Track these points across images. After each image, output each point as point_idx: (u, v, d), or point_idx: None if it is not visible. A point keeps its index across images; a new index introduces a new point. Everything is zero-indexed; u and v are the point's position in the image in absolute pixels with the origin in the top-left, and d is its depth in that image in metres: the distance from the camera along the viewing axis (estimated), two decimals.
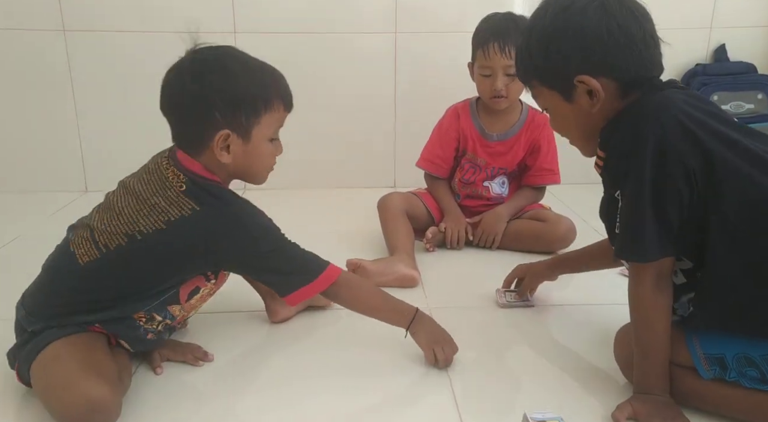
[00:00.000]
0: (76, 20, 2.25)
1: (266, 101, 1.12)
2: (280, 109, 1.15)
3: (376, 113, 2.46)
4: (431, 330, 1.25)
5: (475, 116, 1.88)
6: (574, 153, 1.23)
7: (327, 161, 2.51)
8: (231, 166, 1.14)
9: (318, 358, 1.30)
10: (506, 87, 1.75)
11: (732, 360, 1.01)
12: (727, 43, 2.43)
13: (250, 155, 1.14)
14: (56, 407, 1.03)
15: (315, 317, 1.48)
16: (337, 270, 1.20)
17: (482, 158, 1.87)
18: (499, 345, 1.38)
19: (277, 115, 1.15)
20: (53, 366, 1.06)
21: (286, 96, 1.16)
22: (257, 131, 1.13)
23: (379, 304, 1.25)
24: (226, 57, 1.13)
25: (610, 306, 1.50)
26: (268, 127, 1.14)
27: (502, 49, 1.71)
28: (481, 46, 1.74)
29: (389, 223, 1.79)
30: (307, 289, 1.17)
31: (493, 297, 1.54)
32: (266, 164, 1.19)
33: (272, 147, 1.17)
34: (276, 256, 1.17)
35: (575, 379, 1.22)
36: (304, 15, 2.33)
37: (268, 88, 1.13)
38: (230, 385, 1.21)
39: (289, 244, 1.19)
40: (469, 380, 1.23)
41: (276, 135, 1.18)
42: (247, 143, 1.13)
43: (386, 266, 1.61)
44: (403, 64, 2.40)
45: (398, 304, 1.26)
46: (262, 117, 1.12)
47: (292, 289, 1.17)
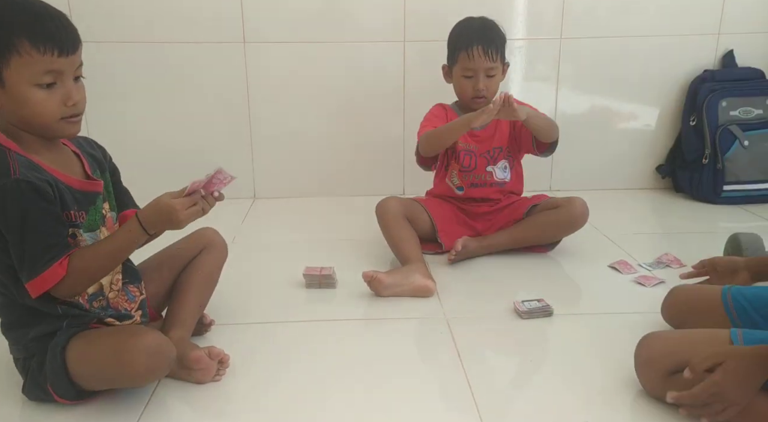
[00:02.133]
0: (87, 31, 2.25)
1: (8, 42, 1.01)
2: (33, 52, 1.02)
3: (385, 121, 2.46)
4: (159, 221, 1.16)
5: (458, 111, 1.92)
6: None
7: (337, 169, 2.51)
8: (8, 114, 1.07)
9: (331, 373, 1.30)
10: (486, 88, 1.81)
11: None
12: (735, 49, 2.43)
13: (14, 101, 1.05)
14: (117, 369, 1.09)
15: (334, 326, 1.48)
16: (60, 271, 1.08)
17: (474, 144, 1.90)
18: (520, 355, 1.38)
19: (31, 59, 1.02)
20: (92, 346, 1.11)
21: (43, 38, 1.02)
22: (9, 75, 1.03)
23: (114, 246, 1.15)
24: None
25: (629, 315, 1.51)
26: (24, 70, 1.03)
27: (486, 52, 1.78)
28: (465, 49, 1.79)
29: (392, 230, 1.78)
30: (32, 284, 1.07)
31: (511, 307, 1.54)
32: (41, 112, 1.06)
33: (46, 94, 1.05)
34: (11, 243, 1.07)
35: (598, 388, 1.21)
36: (312, 24, 2.34)
37: (12, 28, 1.02)
38: (235, 395, 1.21)
39: (32, 235, 1.06)
40: (491, 390, 1.23)
41: (49, 80, 1.05)
42: (4, 87, 1.04)
43: (402, 277, 1.61)
44: (412, 72, 2.40)
45: (122, 234, 1.16)
46: (9, 60, 1.02)
47: (24, 279, 1.08)
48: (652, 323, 1.47)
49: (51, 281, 1.08)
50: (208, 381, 1.23)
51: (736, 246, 1.65)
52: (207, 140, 2.44)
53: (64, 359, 1.11)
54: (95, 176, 1.20)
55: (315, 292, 1.66)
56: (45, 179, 1.07)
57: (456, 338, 1.41)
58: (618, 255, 1.84)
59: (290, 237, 2.09)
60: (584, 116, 2.52)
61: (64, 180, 1.12)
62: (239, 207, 2.38)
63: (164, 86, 2.37)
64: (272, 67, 2.37)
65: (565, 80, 2.46)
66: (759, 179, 2.35)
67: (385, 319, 1.52)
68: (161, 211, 1.14)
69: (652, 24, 2.40)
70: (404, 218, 1.80)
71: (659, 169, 2.56)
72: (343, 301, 1.61)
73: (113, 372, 1.10)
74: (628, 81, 2.47)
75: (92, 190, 1.18)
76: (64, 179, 1.12)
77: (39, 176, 1.06)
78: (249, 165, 2.48)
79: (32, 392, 1.17)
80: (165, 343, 1.13)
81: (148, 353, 1.08)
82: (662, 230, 2.26)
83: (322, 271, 1.67)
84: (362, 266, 1.66)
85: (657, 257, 1.83)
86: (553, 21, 2.40)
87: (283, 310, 1.55)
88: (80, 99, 1.10)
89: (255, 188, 2.51)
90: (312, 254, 1.87)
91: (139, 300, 1.28)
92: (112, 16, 2.29)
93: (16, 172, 1.04)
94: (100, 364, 1.11)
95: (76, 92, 1.09)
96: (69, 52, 1.06)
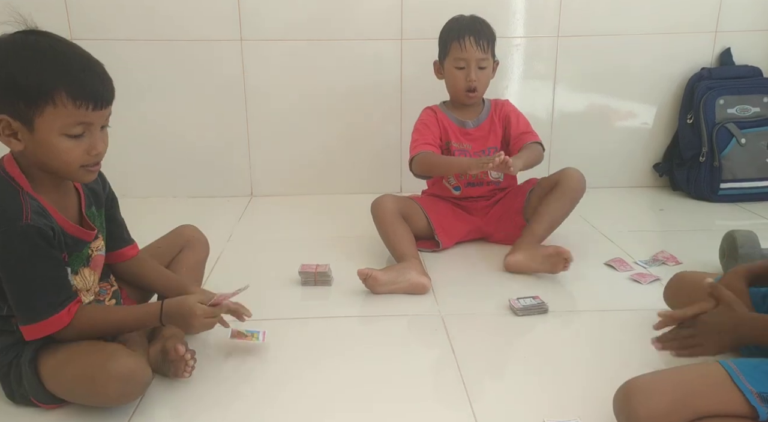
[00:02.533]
0: (84, 29, 2.26)
1: (46, 92, 1.02)
2: (68, 105, 1.03)
3: (382, 119, 2.46)
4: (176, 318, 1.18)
5: (450, 113, 1.95)
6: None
7: (335, 167, 2.51)
8: (28, 155, 1.08)
9: (326, 371, 1.30)
10: (478, 79, 1.84)
11: None
12: (732, 47, 2.43)
13: (40, 147, 1.06)
14: (89, 393, 1.09)
15: (328, 325, 1.48)
16: (66, 318, 1.10)
17: (467, 143, 1.91)
18: (515, 352, 1.38)
19: (65, 111, 1.03)
20: (64, 366, 1.09)
21: (80, 92, 1.04)
22: (41, 123, 1.04)
23: (124, 320, 1.19)
24: (18, 42, 1.04)
25: (624, 312, 1.51)
26: (56, 120, 1.04)
27: (478, 43, 1.82)
28: (457, 39, 1.83)
29: (387, 227, 1.78)
30: (28, 329, 1.09)
31: (506, 304, 1.54)
32: (65, 160, 1.07)
33: (72, 143, 1.06)
34: (10, 285, 1.08)
35: (593, 385, 1.21)
36: (310, 22, 2.34)
37: (52, 79, 1.02)
38: (232, 394, 1.21)
39: (31, 282, 1.07)
40: (485, 387, 1.23)
41: (78, 132, 1.06)
42: (32, 132, 1.04)
43: (397, 274, 1.61)
44: (409, 70, 2.40)
45: (139, 312, 1.21)
46: (43, 108, 1.03)
47: (20, 323, 1.10)
48: (648, 320, 1.46)
49: (54, 327, 1.09)
50: (179, 375, 1.21)
51: (732, 244, 1.65)
52: (204, 137, 2.44)
53: (36, 372, 1.11)
54: (88, 214, 1.21)
55: (310, 289, 1.66)
56: (50, 226, 1.09)
57: (451, 335, 1.41)
58: (614, 253, 1.84)
59: (287, 235, 2.09)
60: (581, 114, 2.51)
61: (61, 224, 1.13)
62: (236, 205, 2.38)
63: (160, 84, 2.37)
64: (269, 64, 2.37)
65: (563, 78, 2.46)
66: (756, 176, 2.35)
67: (381, 316, 1.52)
68: (182, 311, 1.17)
69: (649, 22, 2.40)
70: (399, 215, 1.79)
71: (656, 167, 2.56)
72: (339, 298, 1.61)
73: (85, 394, 1.10)
74: (625, 79, 2.47)
75: (83, 238, 1.18)
76: (61, 222, 1.13)
77: (46, 222, 1.08)
78: (246, 163, 2.48)
79: (14, 398, 1.16)
80: (139, 368, 1.10)
81: (120, 380, 1.07)
82: (659, 227, 2.26)
83: (318, 268, 1.67)
84: (358, 264, 1.66)
85: (653, 254, 1.83)
86: (550, 19, 2.40)
87: (279, 307, 1.55)
88: (104, 149, 1.12)
89: (252, 185, 2.51)
90: (308, 251, 1.86)
91: (111, 291, 1.28)
92: (107, 14, 2.28)
93: (28, 217, 1.05)
94: (71, 385, 1.10)
95: (101, 143, 1.10)
96: (103, 107, 1.08)
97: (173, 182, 2.47)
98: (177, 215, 2.17)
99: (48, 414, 1.14)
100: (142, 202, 2.31)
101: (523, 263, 1.70)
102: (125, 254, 1.32)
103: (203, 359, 1.28)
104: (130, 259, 1.33)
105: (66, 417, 1.13)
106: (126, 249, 1.32)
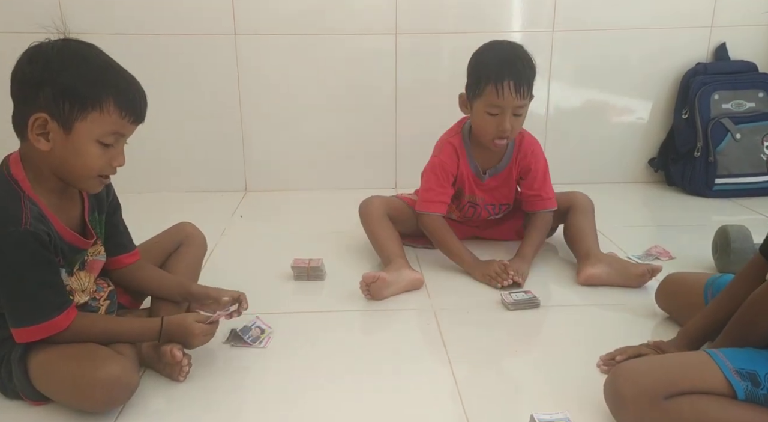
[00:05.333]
0: (77, 23, 2.24)
1: (97, 98, 1.06)
2: (113, 113, 1.08)
3: (377, 114, 2.45)
4: (176, 336, 1.21)
5: (471, 156, 1.74)
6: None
7: (329, 162, 2.50)
8: (50, 157, 1.09)
9: (318, 365, 1.30)
10: (512, 127, 1.63)
11: (764, 378, 1.01)
12: (727, 42, 2.43)
13: (70, 150, 1.08)
14: (75, 398, 1.09)
15: (314, 322, 1.48)
16: (63, 323, 1.11)
17: (480, 196, 1.80)
18: (505, 346, 1.38)
19: (109, 118, 1.08)
20: (52, 369, 1.09)
21: (126, 103, 1.10)
22: (81, 126, 1.07)
23: (121, 331, 1.20)
24: (71, 49, 1.09)
25: (616, 307, 1.51)
26: (97, 126, 1.08)
27: (518, 90, 1.58)
28: (494, 82, 1.58)
29: (375, 230, 1.75)
30: (21, 332, 1.09)
31: (497, 298, 1.54)
32: (90, 166, 1.11)
33: (101, 151, 1.10)
34: (6, 288, 1.08)
35: (582, 379, 1.21)
36: (304, 16, 2.33)
37: (104, 88, 1.07)
38: (225, 385, 1.21)
39: (27, 284, 1.07)
40: (475, 381, 1.23)
41: (111, 141, 1.11)
42: (68, 134, 1.07)
43: (397, 274, 1.59)
44: (404, 65, 2.39)
45: (139, 326, 1.22)
46: (89, 113, 1.06)
47: (12, 325, 1.09)
48: (640, 314, 1.48)
49: (49, 331, 1.09)
50: (174, 378, 1.21)
51: (725, 238, 1.65)
52: (198, 133, 2.43)
53: (26, 369, 1.11)
54: (91, 219, 1.21)
55: (303, 284, 1.66)
56: (47, 232, 1.09)
57: (442, 329, 1.41)
58: (608, 247, 1.83)
59: (280, 230, 2.08)
60: (577, 109, 2.51)
61: (59, 230, 1.13)
62: (230, 200, 2.37)
63: (153, 79, 2.31)
64: (263, 59, 2.36)
65: (558, 73, 2.45)
66: (750, 172, 2.35)
67: (373, 310, 1.52)
68: (182, 329, 1.21)
69: (644, 17, 2.39)
70: (386, 217, 1.76)
71: (651, 162, 2.56)
72: (331, 293, 1.61)
73: (70, 398, 1.10)
74: (621, 74, 2.47)
75: (79, 246, 1.19)
76: (59, 228, 1.13)
77: (44, 228, 1.08)
78: (240, 158, 2.47)
79: (5, 392, 1.17)
80: (125, 374, 1.10)
81: (105, 386, 1.07)
82: (653, 223, 2.26)
83: (311, 263, 1.67)
84: (351, 259, 1.66)
85: (647, 249, 1.83)
86: (546, 13, 2.39)
87: (271, 301, 1.54)
88: (123, 163, 1.16)
89: (246, 180, 2.50)
90: (301, 246, 1.86)
91: (108, 291, 1.28)
92: (101, 8, 2.27)
93: (28, 222, 1.06)
94: (57, 388, 1.10)
95: (122, 156, 1.15)
96: (140, 121, 1.14)
97: (167, 177, 2.46)
98: (171, 210, 2.18)
99: (39, 409, 1.14)
100: (136, 197, 2.30)
101: (603, 278, 1.61)
102: (124, 261, 1.32)
103: (194, 351, 1.26)
104: (129, 265, 1.33)
105: (56, 412, 1.13)
106: (125, 256, 1.32)
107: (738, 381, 1.00)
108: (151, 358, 1.23)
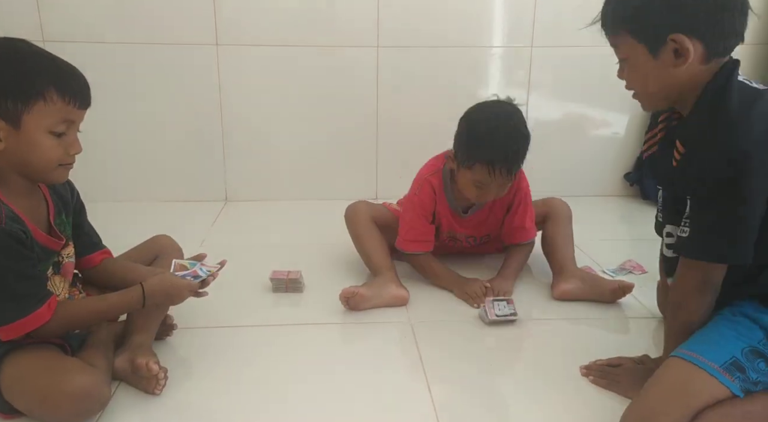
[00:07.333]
0: (56, 31, 2.24)
1: (38, 89, 1.07)
2: (57, 101, 1.09)
3: (358, 125, 2.46)
4: (162, 292, 1.23)
5: (450, 196, 1.72)
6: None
7: (309, 172, 2.51)
8: (8, 156, 1.10)
9: (292, 378, 1.30)
10: (495, 196, 1.64)
11: (743, 357, 1.01)
12: None
13: (24, 145, 1.09)
14: (44, 411, 1.08)
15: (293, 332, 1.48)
16: (46, 315, 1.11)
17: (461, 231, 1.79)
18: (483, 361, 1.39)
19: (54, 106, 1.09)
20: (21, 381, 1.09)
21: (67, 89, 1.10)
22: (29, 119, 1.08)
23: (105, 307, 1.21)
24: (2, 46, 1.10)
25: (591, 321, 1.54)
26: (44, 116, 1.08)
27: (510, 172, 1.56)
28: (488, 164, 1.53)
29: (362, 235, 1.75)
30: (12, 326, 1.09)
31: (476, 313, 1.55)
32: (48, 157, 1.11)
33: (55, 141, 1.11)
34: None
35: (560, 392, 1.23)
36: (285, 27, 2.34)
37: (42, 77, 1.08)
38: (202, 397, 1.21)
39: (8, 282, 1.08)
40: (450, 394, 1.24)
41: (62, 129, 1.11)
42: (18, 130, 1.08)
43: (379, 289, 1.60)
44: (385, 78, 2.41)
45: (119, 298, 1.21)
46: (33, 105, 1.07)
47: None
48: (614, 328, 1.50)
49: (34, 324, 1.09)
50: (150, 391, 1.20)
51: None
52: (178, 142, 2.43)
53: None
54: (57, 222, 1.21)
55: (282, 296, 1.66)
56: (23, 231, 1.10)
57: (419, 343, 1.43)
58: (583, 261, 1.86)
59: (260, 240, 2.08)
60: (554, 123, 2.55)
61: (33, 231, 1.13)
62: (210, 210, 2.37)
63: (134, 88, 2.35)
64: (244, 69, 2.37)
65: (536, 87, 2.49)
66: None
67: (350, 323, 1.53)
68: (165, 285, 1.22)
69: None
70: (373, 223, 1.76)
71: (627, 176, 2.61)
72: (310, 305, 1.61)
73: (40, 411, 1.10)
74: (597, 89, 2.50)
75: (52, 247, 1.19)
76: (33, 230, 1.13)
77: (20, 227, 1.09)
78: (221, 168, 2.47)
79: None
80: (95, 386, 1.10)
81: (73, 399, 1.07)
82: (628, 236, 2.30)
83: (289, 275, 1.67)
84: (331, 271, 1.66)
85: (621, 263, 1.86)
86: (525, 29, 2.42)
87: (248, 314, 1.55)
88: (80, 149, 1.16)
89: (227, 190, 2.50)
90: (281, 257, 1.86)
91: (80, 299, 1.27)
92: (80, 16, 2.26)
93: (2, 222, 1.07)
94: (27, 400, 1.10)
95: (78, 143, 1.15)
96: (86, 106, 1.15)
97: (147, 187, 2.45)
98: (150, 220, 2.17)
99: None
100: (116, 206, 2.29)
101: (577, 293, 1.64)
102: (95, 259, 1.33)
103: (171, 363, 1.27)
104: (100, 263, 1.33)
105: None
106: (97, 254, 1.33)
107: (730, 381, 1.00)
108: (125, 371, 1.23)
